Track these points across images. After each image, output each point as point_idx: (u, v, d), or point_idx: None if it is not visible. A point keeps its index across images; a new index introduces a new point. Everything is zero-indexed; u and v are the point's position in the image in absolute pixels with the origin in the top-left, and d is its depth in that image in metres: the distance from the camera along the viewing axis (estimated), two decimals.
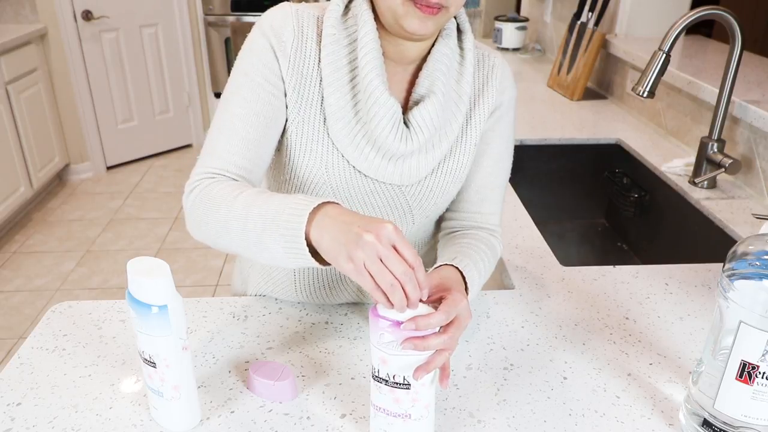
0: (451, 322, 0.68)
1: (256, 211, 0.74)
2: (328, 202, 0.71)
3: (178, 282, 2.76)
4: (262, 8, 4.09)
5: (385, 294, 0.64)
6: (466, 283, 0.82)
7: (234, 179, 0.82)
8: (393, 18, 0.79)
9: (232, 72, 0.87)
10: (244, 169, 0.83)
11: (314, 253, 0.71)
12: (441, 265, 0.83)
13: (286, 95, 0.86)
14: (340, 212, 0.69)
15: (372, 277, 0.64)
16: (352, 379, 0.82)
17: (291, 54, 0.84)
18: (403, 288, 0.64)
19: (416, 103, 0.86)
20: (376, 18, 0.83)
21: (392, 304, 0.64)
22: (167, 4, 3.96)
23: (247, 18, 4.15)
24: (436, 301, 0.71)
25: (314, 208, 0.70)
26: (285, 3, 0.87)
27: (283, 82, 0.85)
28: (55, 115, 3.58)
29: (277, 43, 0.84)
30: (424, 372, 0.66)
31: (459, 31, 0.90)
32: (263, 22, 0.85)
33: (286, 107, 0.86)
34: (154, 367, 0.69)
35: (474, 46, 0.91)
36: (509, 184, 1.04)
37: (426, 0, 0.75)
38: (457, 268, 0.82)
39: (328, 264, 0.70)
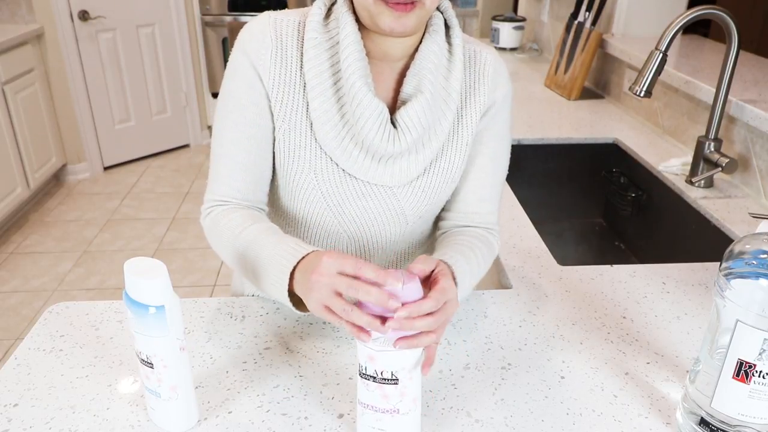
0: (439, 308, 0.68)
1: (253, 255, 0.81)
2: (310, 252, 0.75)
3: (176, 282, 2.75)
4: (260, 8, 4.09)
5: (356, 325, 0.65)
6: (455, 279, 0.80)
7: (239, 203, 0.90)
8: (369, 17, 0.78)
9: (220, 93, 0.89)
10: (247, 191, 0.90)
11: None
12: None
13: (271, 107, 0.86)
14: (308, 261, 0.74)
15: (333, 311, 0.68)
16: (349, 379, 0.82)
17: (270, 65, 0.84)
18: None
19: (404, 102, 0.85)
20: (359, 19, 0.82)
21: (367, 332, 0.64)
22: (164, 4, 3.96)
23: (244, 18, 4.14)
24: (426, 286, 0.71)
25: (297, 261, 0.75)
26: (264, 13, 0.87)
27: (268, 97, 0.86)
28: (51, 116, 3.57)
29: (257, 58, 0.84)
30: (406, 344, 0.65)
31: (447, 26, 0.89)
32: (242, 38, 0.86)
33: (272, 117, 0.87)
34: (152, 367, 0.69)
35: (462, 41, 0.89)
36: (506, 183, 1.04)
37: None
38: (447, 264, 0.80)
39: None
